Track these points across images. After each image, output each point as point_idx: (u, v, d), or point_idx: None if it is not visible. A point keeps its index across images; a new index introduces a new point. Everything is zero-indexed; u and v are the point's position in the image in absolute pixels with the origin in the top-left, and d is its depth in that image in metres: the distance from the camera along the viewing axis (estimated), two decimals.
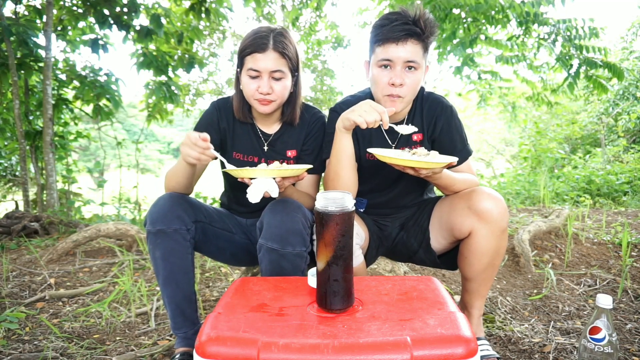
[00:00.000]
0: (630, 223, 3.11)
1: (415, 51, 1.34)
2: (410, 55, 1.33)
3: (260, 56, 1.37)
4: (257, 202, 1.20)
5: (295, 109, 1.51)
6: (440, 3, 4.31)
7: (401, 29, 1.31)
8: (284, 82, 1.41)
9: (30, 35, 4.22)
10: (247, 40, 1.39)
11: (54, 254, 2.66)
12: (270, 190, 1.20)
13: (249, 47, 1.38)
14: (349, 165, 1.37)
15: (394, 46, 1.33)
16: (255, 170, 1.20)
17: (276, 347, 0.77)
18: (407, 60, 1.34)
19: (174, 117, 6.53)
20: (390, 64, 1.35)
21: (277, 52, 1.37)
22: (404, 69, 1.35)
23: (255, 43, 1.37)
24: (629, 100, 8.74)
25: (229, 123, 1.54)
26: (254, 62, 1.37)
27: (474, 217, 1.33)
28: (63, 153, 5.14)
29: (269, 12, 7.87)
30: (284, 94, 1.43)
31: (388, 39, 1.33)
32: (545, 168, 6.39)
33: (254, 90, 1.39)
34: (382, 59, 1.35)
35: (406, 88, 1.37)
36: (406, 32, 1.31)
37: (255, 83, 1.39)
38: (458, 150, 1.49)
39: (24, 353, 1.52)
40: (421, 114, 1.51)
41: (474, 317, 1.48)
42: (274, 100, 1.41)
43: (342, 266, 0.90)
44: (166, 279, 1.32)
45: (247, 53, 1.38)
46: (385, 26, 1.34)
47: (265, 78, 1.38)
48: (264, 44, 1.36)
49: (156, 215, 1.28)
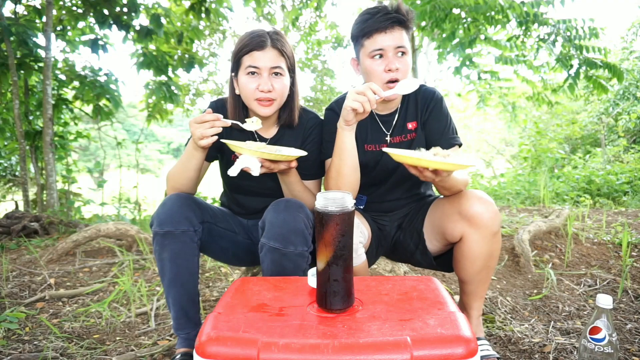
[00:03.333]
0: (630, 223, 3.11)
1: (403, 37, 1.40)
2: (399, 41, 1.39)
3: (259, 54, 1.36)
4: (234, 175, 1.24)
5: (293, 110, 1.48)
6: (440, 3, 4.31)
7: (386, 18, 1.37)
8: (283, 80, 1.40)
9: (30, 35, 4.22)
10: (243, 40, 1.38)
11: (54, 254, 2.66)
12: (252, 168, 1.23)
13: (246, 46, 1.37)
14: (351, 163, 1.37)
15: (383, 35, 1.38)
16: (244, 148, 1.24)
17: (276, 347, 0.77)
18: (398, 45, 1.39)
19: (174, 117, 6.53)
20: (382, 53, 1.39)
21: (276, 49, 1.37)
22: (395, 55, 1.40)
23: (253, 41, 1.36)
24: (629, 100, 8.75)
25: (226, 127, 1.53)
26: (253, 60, 1.36)
27: (465, 222, 1.33)
28: (63, 153, 5.15)
29: (269, 12, 7.87)
30: (284, 92, 1.41)
31: (375, 29, 1.38)
32: (545, 168, 6.39)
33: (254, 89, 1.37)
34: (373, 50, 1.40)
35: (401, 72, 1.40)
36: (391, 20, 1.37)
37: (255, 82, 1.37)
38: (444, 136, 1.50)
39: (24, 353, 1.52)
40: (415, 103, 1.53)
41: (473, 317, 1.48)
42: (274, 100, 1.39)
43: (342, 266, 0.90)
44: (172, 281, 1.31)
45: (245, 52, 1.37)
46: (369, 19, 1.39)
47: (265, 75, 1.36)
48: (262, 41, 1.36)
49: (164, 216, 1.27)
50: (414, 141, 1.52)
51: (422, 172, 1.18)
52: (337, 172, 1.38)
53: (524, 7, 4.29)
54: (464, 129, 13.90)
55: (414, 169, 1.19)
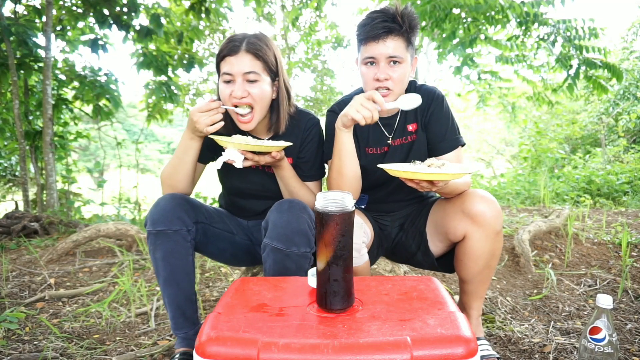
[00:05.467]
0: (630, 223, 3.11)
1: (397, 46, 1.37)
2: (391, 50, 1.36)
3: (232, 59, 1.33)
4: (218, 167, 1.33)
5: (280, 117, 1.44)
6: (440, 3, 4.31)
7: (381, 26, 1.35)
8: (260, 86, 1.35)
9: (30, 35, 4.22)
10: (221, 46, 1.37)
11: (54, 254, 2.66)
12: (235, 160, 1.28)
13: (221, 51, 1.35)
14: (351, 163, 1.38)
15: (375, 44, 1.37)
16: (227, 142, 1.28)
17: (276, 347, 0.77)
18: (389, 55, 1.37)
19: (174, 117, 6.53)
20: (374, 61, 1.39)
21: (251, 54, 1.33)
22: (387, 64, 1.38)
23: (228, 47, 1.34)
24: (629, 100, 8.75)
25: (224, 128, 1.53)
26: (227, 66, 1.34)
27: (468, 221, 1.34)
28: (63, 153, 5.15)
29: (269, 12, 7.87)
30: (262, 97, 1.36)
31: (369, 37, 1.37)
32: (545, 168, 6.40)
33: (228, 95, 1.34)
34: (365, 57, 1.40)
35: (392, 82, 1.39)
36: (385, 29, 1.35)
37: (229, 88, 1.34)
38: (447, 137, 1.49)
39: (24, 353, 1.52)
40: None
41: (473, 317, 1.48)
42: (252, 108, 1.36)
43: (342, 266, 0.90)
44: (167, 280, 1.32)
45: (221, 58, 1.36)
46: (366, 25, 1.38)
47: (238, 81, 1.33)
48: (235, 46, 1.33)
49: (157, 216, 1.28)
50: (414, 143, 1.52)
51: (418, 184, 1.22)
52: (338, 172, 1.39)
53: (524, 7, 4.29)
54: (464, 129, 13.90)
55: (410, 182, 1.23)
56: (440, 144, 1.49)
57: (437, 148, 1.50)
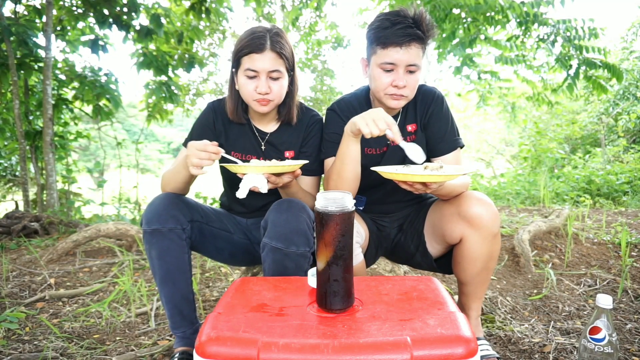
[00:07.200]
0: (630, 223, 3.11)
1: (417, 54, 1.35)
2: (413, 58, 1.34)
3: (258, 57, 1.36)
4: (243, 197, 1.23)
5: (292, 108, 1.51)
6: (440, 3, 4.31)
7: (404, 32, 1.31)
8: (281, 82, 1.41)
9: (30, 35, 4.22)
10: (243, 40, 1.38)
11: (54, 254, 2.66)
12: (259, 186, 1.22)
13: (245, 47, 1.37)
14: (353, 169, 1.37)
15: (398, 50, 1.33)
16: (247, 167, 1.22)
17: (276, 347, 0.77)
18: (410, 63, 1.35)
19: (174, 117, 6.53)
20: (393, 67, 1.36)
21: (275, 53, 1.37)
22: (406, 72, 1.37)
23: (253, 43, 1.36)
24: (629, 100, 8.75)
25: (225, 124, 1.55)
26: (252, 63, 1.37)
27: (464, 224, 1.33)
28: (63, 153, 5.15)
29: (269, 12, 7.87)
30: (281, 93, 1.43)
31: (391, 42, 1.32)
32: (545, 168, 6.40)
33: (252, 90, 1.39)
34: (384, 62, 1.35)
35: (408, 89, 1.38)
36: (410, 36, 1.31)
37: (253, 83, 1.39)
38: (446, 138, 1.49)
39: (24, 353, 1.52)
40: (414, 106, 1.52)
41: (472, 318, 1.48)
42: (272, 100, 1.42)
43: (342, 266, 0.90)
44: (163, 279, 1.32)
45: (245, 53, 1.37)
46: (387, 28, 1.32)
47: (263, 78, 1.38)
48: (261, 44, 1.36)
49: (151, 214, 1.29)
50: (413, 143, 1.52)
51: (412, 186, 1.20)
52: (338, 175, 1.38)
53: (524, 7, 4.29)
54: (464, 129, 13.90)
55: (404, 184, 1.21)
56: (439, 144, 1.49)
57: (436, 149, 1.50)
